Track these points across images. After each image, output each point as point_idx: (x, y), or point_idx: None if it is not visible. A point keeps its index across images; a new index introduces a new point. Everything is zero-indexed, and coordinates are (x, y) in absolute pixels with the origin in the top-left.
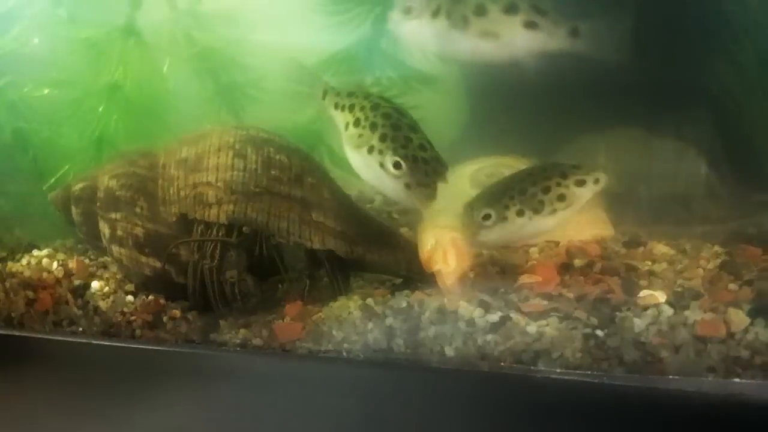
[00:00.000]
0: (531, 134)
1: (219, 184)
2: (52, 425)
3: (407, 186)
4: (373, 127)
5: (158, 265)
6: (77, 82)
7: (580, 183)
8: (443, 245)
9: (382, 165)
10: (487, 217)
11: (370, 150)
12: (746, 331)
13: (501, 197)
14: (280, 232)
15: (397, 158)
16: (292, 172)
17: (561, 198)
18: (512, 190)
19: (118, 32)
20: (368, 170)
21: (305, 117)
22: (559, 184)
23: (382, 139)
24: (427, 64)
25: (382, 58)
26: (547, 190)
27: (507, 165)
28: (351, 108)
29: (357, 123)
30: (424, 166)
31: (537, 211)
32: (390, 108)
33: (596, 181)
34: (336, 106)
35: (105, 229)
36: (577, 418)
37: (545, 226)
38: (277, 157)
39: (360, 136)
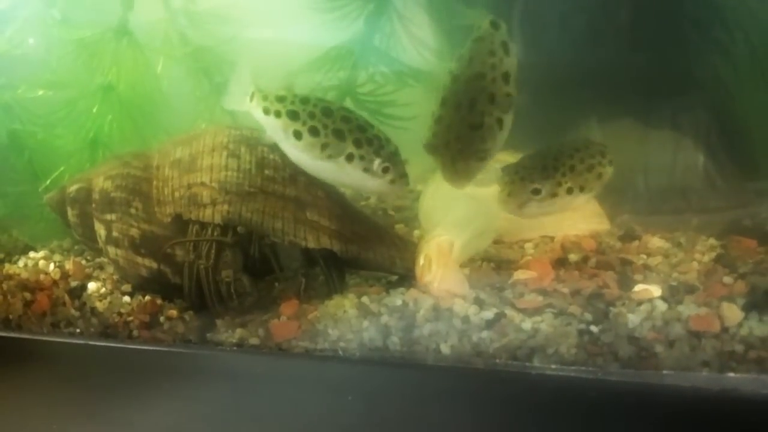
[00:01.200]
0: (525, 129)
1: (213, 184)
2: (50, 426)
3: (392, 182)
4: (339, 134)
5: (154, 265)
6: (71, 83)
7: (611, 163)
8: (430, 256)
9: (366, 170)
10: (536, 191)
11: (350, 158)
12: (741, 325)
13: (554, 173)
14: (274, 232)
15: (386, 163)
16: (285, 171)
17: (599, 177)
18: (564, 166)
19: (111, 33)
20: (344, 176)
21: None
22: (600, 164)
23: (358, 145)
24: (421, 60)
25: (376, 55)
26: (591, 169)
27: (501, 161)
28: (292, 115)
29: (314, 132)
30: (399, 158)
31: (582, 188)
32: (341, 109)
33: (611, 162)
34: (265, 111)
35: (101, 230)
36: (572, 414)
37: (580, 203)
38: (271, 156)
39: (325, 146)
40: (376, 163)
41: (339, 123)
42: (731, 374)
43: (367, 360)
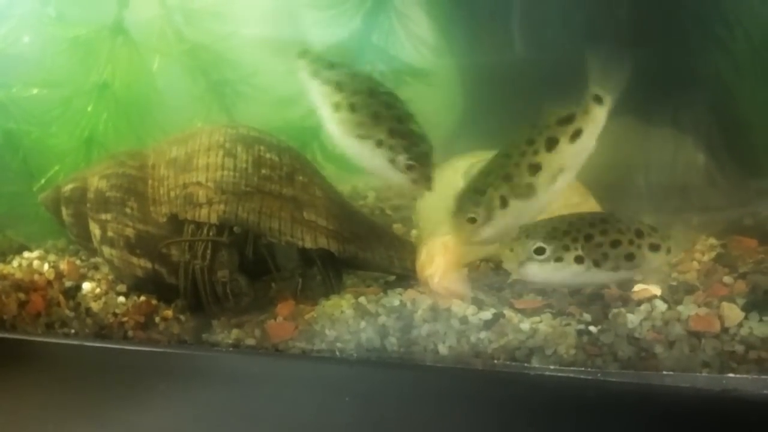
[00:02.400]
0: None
1: (209, 183)
2: (45, 428)
3: (414, 181)
4: (376, 118)
5: (150, 266)
6: (66, 82)
7: (654, 248)
8: (433, 254)
9: (392, 161)
10: (540, 251)
11: (379, 144)
12: (741, 325)
13: (563, 236)
14: (271, 232)
15: (411, 162)
16: (282, 170)
17: (629, 257)
18: (578, 232)
19: (106, 31)
20: (371, 160)
21: (297, 113)
22: (631, 242)
23: (391, 134)
24: (419, 57)
25: (374, 52)
26: (616, 245)
27: None
28: (339, 86)
29: (353, 108)
30: (429, 160)
31: (597, 263)
32: (388, 94)
33: (668, 250)
34: (314, 74)
35: (96, 230)
36: (571, 415)
37: (599, 280)
38: (268, 155)
39: (360, 125)
40: (402, 158)
41: (380, 107)
42: (731, 375)
43: (364, 361)
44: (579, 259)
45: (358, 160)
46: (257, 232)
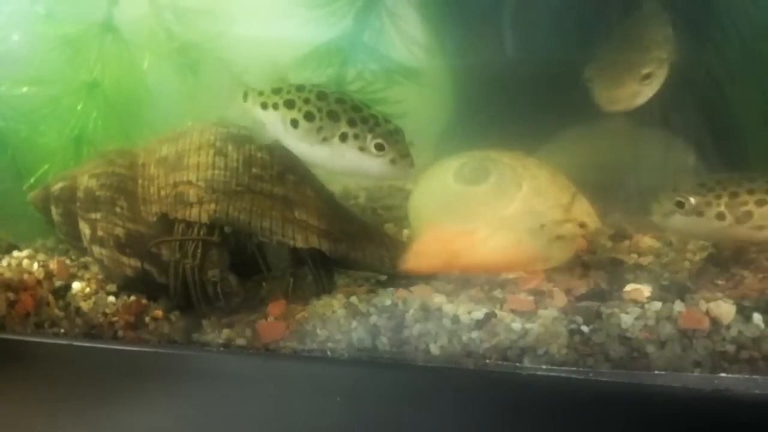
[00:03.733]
0: (515, 127)
1: (200, 183)
2: (34, 427)
3: (392, 161)
4: (333, 115)
5: (140, 265)
6: (55, 80)
7: None
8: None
9: (362, 149)
10: (680, 204)
11: (343, 138)
12: (732, 325)
13: (707, 191)
14: (262, 232)
15: (379, 140)
16: (273, 169)
17: None
18: (724, 189)
19: (96, 29)
20: (341, 159)
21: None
22: None
23: (352, 123)
24: (410, 57)
25: (365, 52)
26: (762, 204)
27: (491, 158)
28: (289, 104)
29: (309, 117)
30: (399, 137)
31: (740, 220)
32: (336, 92)
33: None
34: (264, 106)
35: (85, 229)
36: (563, 414)
37: (743, 236)
38: (259, 154)
39: (320, 129)
40: (369, 139)
41: (333, 104)
42: (723, 374)
43: (355, 361)
44: (720, 216)
45: (335, 166)
46: (248, 232)
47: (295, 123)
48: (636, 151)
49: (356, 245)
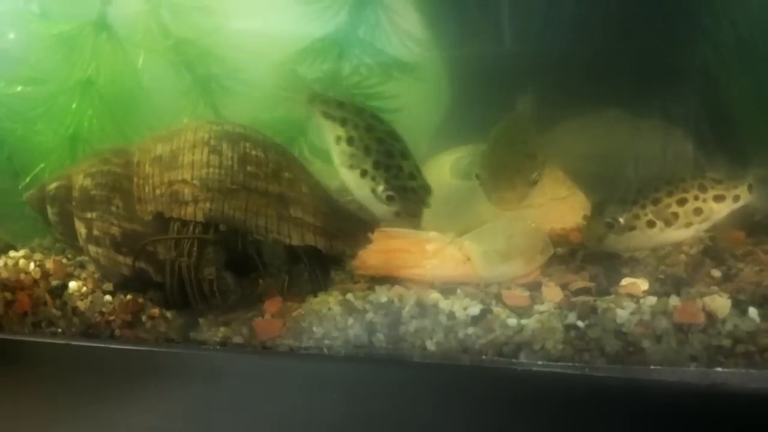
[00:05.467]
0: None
1: (195, 181)
2: (32, 427)
3: (397, 214)
4: (367, 150)
5: (136, 264)
6: (50, 79)
7: (719, 198)
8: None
9: (373, 191)
10: (610, 225)
11: (363, 174)
12: (728, 319)
13: (631, 205)
14: (258, 230)
15: (390, 192)
16: (268, 167)
17: (697, 212)
18: (645, 198)
19: (90, 27)
20: (359, 190)
21: (285, 109)
22: (696, 198)
23: (376, 166)
24: (406, 52)
25: (361, 47)
26: (683, 203)
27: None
28: (343, 122)
29: (350, 141)
30: (414, 196)
31: (669, 223)
32: (383, 132)
33: (736, 198)
34: (325, 115)
35: (81, 228)
36: (559, 410)
37: (676, 238)
38: (253, 152)
39: (352, 156)
40: (381, 187)
41: (372, 141)
42: (719, 369)
43: (352, 357)
44: (651, 224)
45: (350, 189)
46: (244, 230)
47: (338, 140)
48: (632, 142)
49: (352, 242)
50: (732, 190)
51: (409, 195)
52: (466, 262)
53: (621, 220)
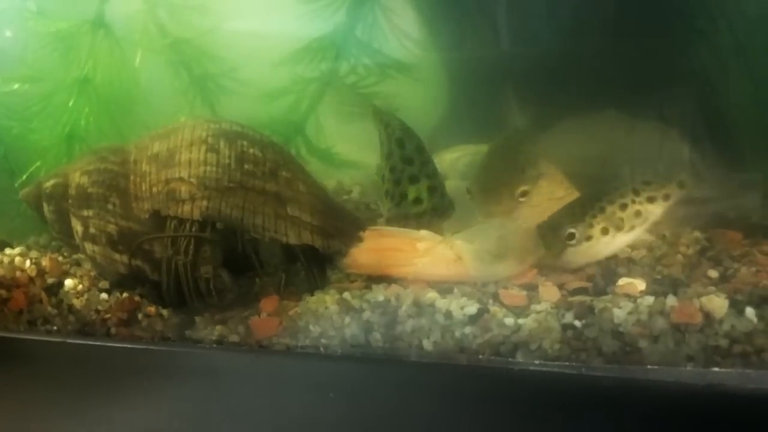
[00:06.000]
0: (509, 121)
1: (192, 179)
2: (27, 426)
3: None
4: (382, 178)
5: (132, 262)
6: (47, 77)
7: (651, 199)
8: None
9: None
10: (571, 236)
11: (386, 195)
12: (725, 319)
13: (583, 216)
14: (255, 228)
15: (390, 215)
16: (266, 166)
17: (637, 214)
18: (592, 209)
19: (87, 25)
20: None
21: (282, 108)
22: (633, 201)
23: (386, 194)
24: (403, 51)
25: (358, 46)
26: (624, 208)
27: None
28: (399, 143)
29: (389, 158)
30: (416, 221)
31: (619, 228)
32: (403, 153)
33: (666, 197)
34: (379, 123)
35: (77, 226)
36: (555, 409)
37: (624, 243)
38: (251, 150)
39: (384, 177)
40: (384, 211)
41: (386, 167)
42: (716, 369)
43: (349, 357)
44: (605, 231)
45: None
46: (241, 229)
47: (386, 156)
48: (628, 144)
49: (349, 241)
50: (661, 190)
51: (410, 220)
52: (456, 261)
53: (577, 231)
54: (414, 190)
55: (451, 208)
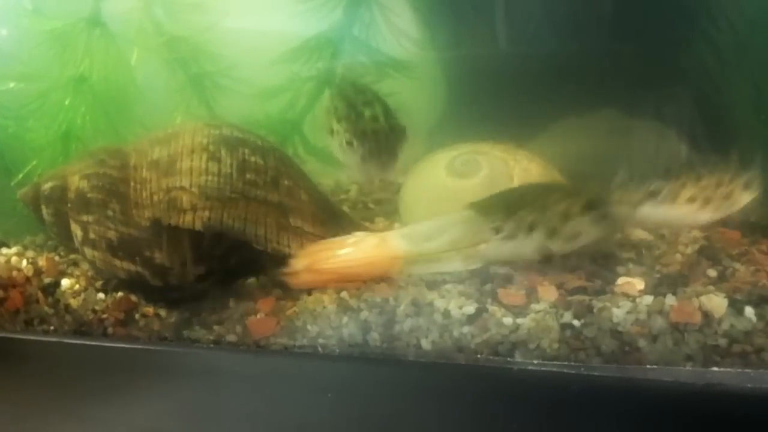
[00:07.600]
0: (506, 120)
1: (193, 189)
2: (24, 425)
3: (362, 158)
4: (333, 111)
5: (132, 268)
6: (43, 75)
7: (746, 186)
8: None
9: (340, 145)
10: (656, 192)
11: (331, 133)
12: (724, 318)
13: (678, 176)
14: (257, 239)
15: (348, 136)
16: (268, 174)
17: (727, 197)
18: (690, 171)
19: (83, 23)
20: (336, 152)
21: (278, 106)
22: (730, 182)
23: (338, 120)
24: (401, 50)
25: (355, 45)
26: (719, 185)
27: (482, 151)
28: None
29: (329, 111)
30: (374, 137)
31: (706, 202)
32: (351, 89)
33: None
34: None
35: (77, 231)
36: (554, 409)
37: (701, 221)
38: (253, 159)
39: (326, 122)
40: (342, 139)
41: (341, 102)
42: (715, 368)
43: (346, 356)
44: (691, 199)
45: (341, 160)
46: (243, 240)
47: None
48: (627, 143)
49: None
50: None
51: (368, 137)
52: (380, 243)
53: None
54: (369, 110)
55: (405, 132)
